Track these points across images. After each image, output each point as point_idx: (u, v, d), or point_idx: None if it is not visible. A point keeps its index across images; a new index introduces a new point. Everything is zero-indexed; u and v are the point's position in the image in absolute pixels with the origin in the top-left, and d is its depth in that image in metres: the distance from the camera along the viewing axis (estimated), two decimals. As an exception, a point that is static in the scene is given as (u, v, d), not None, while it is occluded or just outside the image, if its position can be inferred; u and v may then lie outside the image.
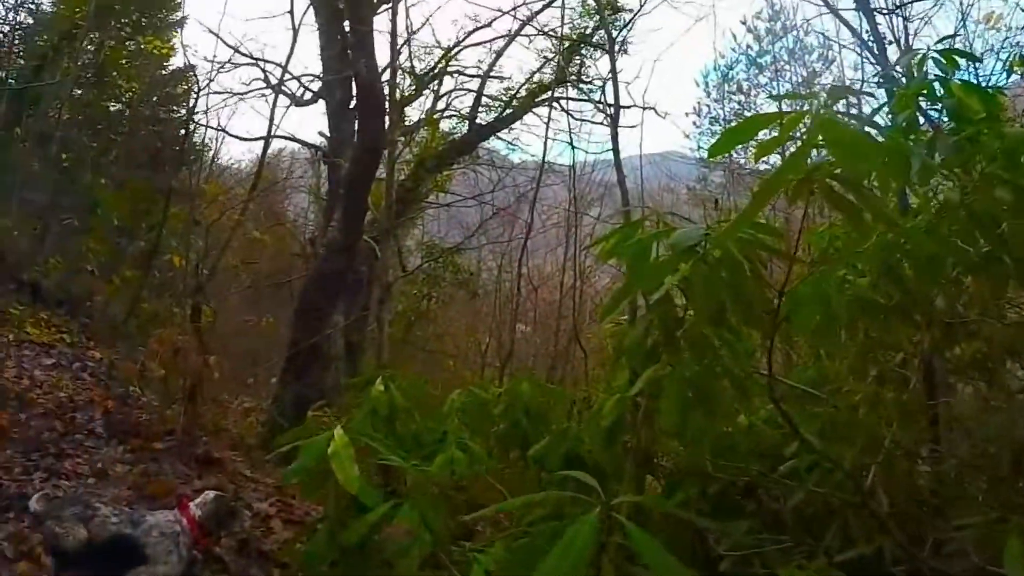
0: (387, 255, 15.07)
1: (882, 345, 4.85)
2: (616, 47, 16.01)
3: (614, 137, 10.76)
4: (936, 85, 4.00)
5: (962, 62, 4.26)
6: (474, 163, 23.56)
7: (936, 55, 4.12)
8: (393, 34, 14.41)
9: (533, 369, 18.46)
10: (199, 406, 9.45)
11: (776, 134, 3.16)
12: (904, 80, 4.59)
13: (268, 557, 6.67)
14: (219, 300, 15.81)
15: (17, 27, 21.35)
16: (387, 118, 12.77)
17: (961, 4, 12.57)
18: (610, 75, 14.21)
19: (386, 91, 13.10)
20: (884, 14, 12.43)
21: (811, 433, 4.71)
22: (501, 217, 23.11)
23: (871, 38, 10.36)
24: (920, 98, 3.99)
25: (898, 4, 12.31)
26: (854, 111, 4.56)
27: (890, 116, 4.37)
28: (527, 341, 21.21)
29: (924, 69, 4.13)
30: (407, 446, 5.86)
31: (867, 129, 3.34)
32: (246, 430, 10.85)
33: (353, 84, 15.48)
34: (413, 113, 22.22)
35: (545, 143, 23.47)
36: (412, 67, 21.64)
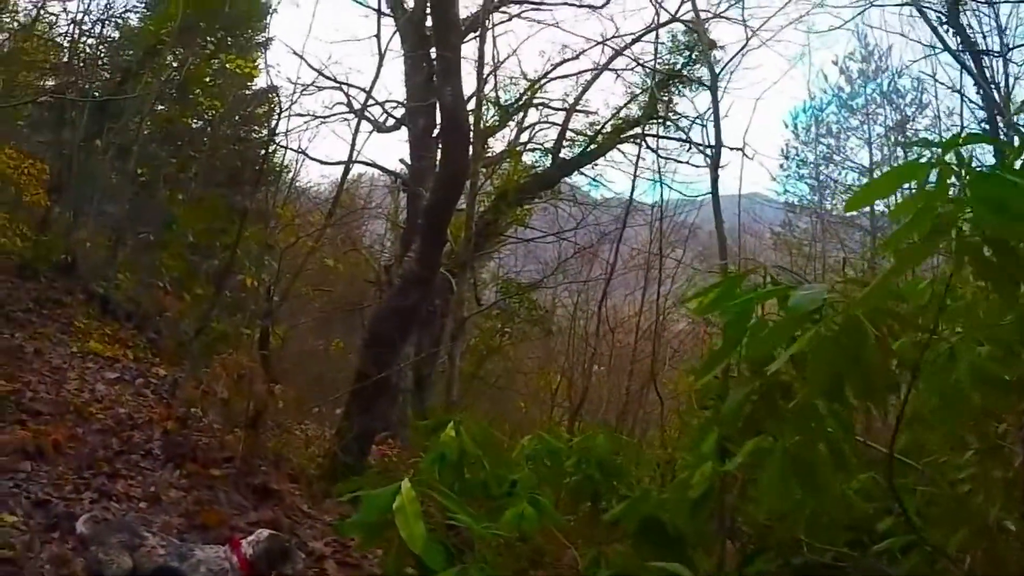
0: (463, 289, 14.79)
1: (985, 413, 4.38)
2: (717, 84, 15.55)
3: (714, 180, 10.34)
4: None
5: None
6: (555, 198, 23.27)
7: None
8: (480, 62, 14.20)
9: (605, 413, 18.09)
10: (261, 434, 9.13)
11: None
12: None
13: (319, 599, 6.32)
14: (289, 325, 15.55)
15: (103, 40, 21.39)
16: (470, 148, 12.48)
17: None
18: (709, 113, 13.90)
19: (470, 120, 12.84)
20: (995, 56, 11.98)
21: (909, 510, 4.42)
22: (581, 256, 22.77)
23: (975, 81, 9.95)
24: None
25: (1010, 47, 11.84)
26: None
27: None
28: (599, 383, 20.76)
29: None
30: (475, 494, 5.58)
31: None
32: (307, 461, 10.52)
33: (437, 112, 15.31)
34: (496, 144, 22.09)
35: (634, 181, 23.03)
36: (497, 97, 21.48)
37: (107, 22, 21.18)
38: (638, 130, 21.16)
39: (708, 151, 14.66)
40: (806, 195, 24.47)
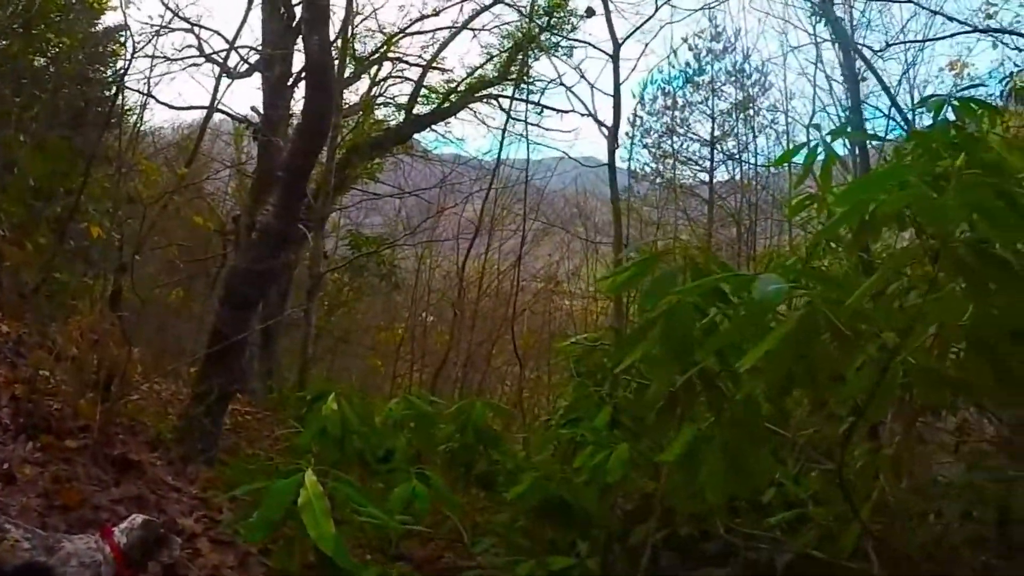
0: (320, 243, 14.50)
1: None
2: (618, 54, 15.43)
3: (611, 151, 10.14)
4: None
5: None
6: (406, 153, 23.19)
7: (955, 102, 3.79)
8: (348, 12, 13.86)
9: (454, 370, 18.07)
10: (116, 399, 8.72)
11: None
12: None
13: (197, 588, 6.02)
14: (144, 280, 15.01)
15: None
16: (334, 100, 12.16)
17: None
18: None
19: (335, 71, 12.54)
20: (876, 52, 12.40)
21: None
22: (438, 214, 22.77)
23: (844, 72, 10.12)
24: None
25: (888, 44, 12.18)
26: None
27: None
28: (443, 337, 20.78)
29: (942, 115, 3.79)
30: (353, 465, 5.43)
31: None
32: (164, 426, 10.16)
33: (294, 60, 14.96)
34: (350, 97, 21.80)
35: (502, 141, 23.00)
36: (354, 49, 21.13)
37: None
38: (493, 90, 21.19)
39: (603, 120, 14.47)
40: (648, 162, 24.97)
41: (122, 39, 19.40)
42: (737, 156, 22.44)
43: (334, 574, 3.75)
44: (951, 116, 3.75)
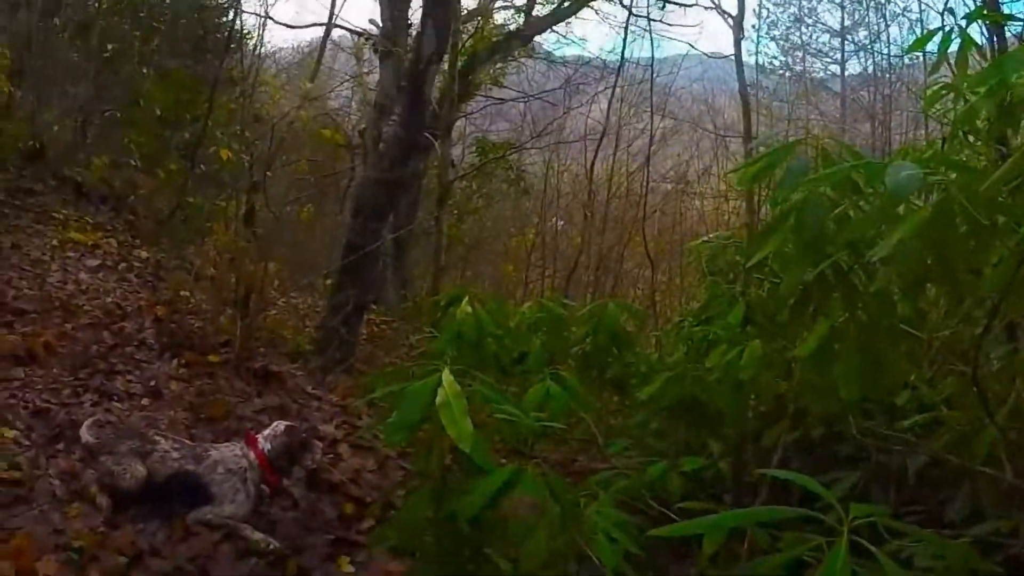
0: (447, 151, 14.47)
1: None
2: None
3: (737, 43, 9.87)
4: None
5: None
6: (528, 56, 22.95)
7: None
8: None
9: (591, 279, 17.97)
10: (254, 314, 8.89)
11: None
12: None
13: (339, 489, 6.13)
14: (268, 196, 15.17)
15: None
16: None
17: None
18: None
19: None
20: None
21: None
22: (562, 116, 22.56)
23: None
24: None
25: None
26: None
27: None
28: (574, 241, 20.64)
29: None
30: (488, 369, 5.41)
31: None
32: (303, 338, 10.35)
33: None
34: (467, 2, 21.64)
35: (625, 39, 22.57)
36: (468, -45, 20.92)
37: None
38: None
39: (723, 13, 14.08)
40: (776, 55, 24.30)
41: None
42: (869, 47, 21.64)
43: (472, 473, 3.75)
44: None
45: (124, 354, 8.05)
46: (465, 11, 20.28)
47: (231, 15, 18.74)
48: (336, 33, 23.03)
